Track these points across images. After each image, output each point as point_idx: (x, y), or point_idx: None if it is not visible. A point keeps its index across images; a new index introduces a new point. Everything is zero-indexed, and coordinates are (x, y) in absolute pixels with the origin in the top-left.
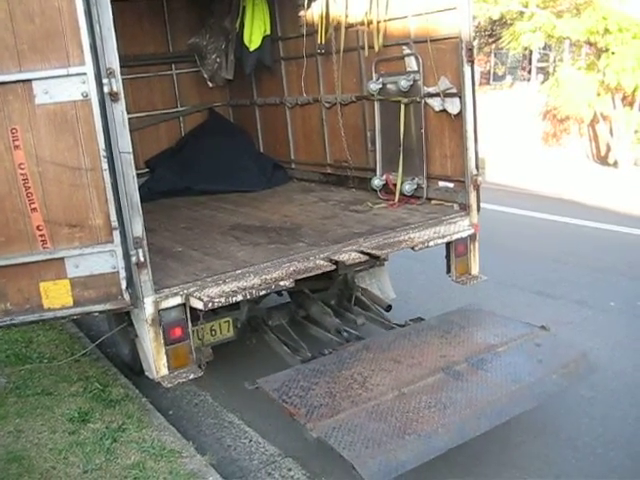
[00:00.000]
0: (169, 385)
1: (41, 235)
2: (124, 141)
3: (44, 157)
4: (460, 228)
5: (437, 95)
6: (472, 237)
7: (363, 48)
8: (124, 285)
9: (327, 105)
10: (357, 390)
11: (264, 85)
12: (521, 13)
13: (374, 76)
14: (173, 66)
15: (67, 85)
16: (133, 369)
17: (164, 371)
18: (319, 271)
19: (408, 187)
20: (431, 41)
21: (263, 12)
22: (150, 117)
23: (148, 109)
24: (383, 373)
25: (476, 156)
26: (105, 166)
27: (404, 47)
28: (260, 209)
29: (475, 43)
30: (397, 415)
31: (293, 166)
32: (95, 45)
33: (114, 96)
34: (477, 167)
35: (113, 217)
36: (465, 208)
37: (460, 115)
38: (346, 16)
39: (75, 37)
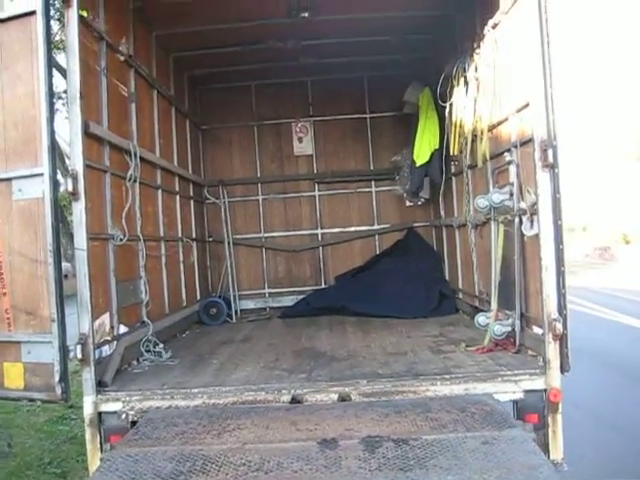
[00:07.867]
0: None
1: (7, 318)
2: (79, 238)
3: (14, 248)
4: (517, 389)
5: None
6: (550, 407)
7: (485, 159)
8: (57, 378)
9: (471, 226)
10: (202, 435)
11: (447, 204)
12: None
13: (491, 189)
14: (373, 183)
15: (33, 183)
16: None
17: None
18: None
19: (497, 329)
20: (521, 144)
21: (434, 124)
22: (344, 233)
23: (343, 225)
24: (256, 429)
25: (559, 294)
26: (50, 260)
27: (506, 154)
28: (364, 337)
29: None
30: (196, 461)
31: (460, 296)
32: (53, 147)
33: (72, 195)
34: (562, 309)
35: (53, 309)
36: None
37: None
38: (480, 120)
39: (42, 141)
